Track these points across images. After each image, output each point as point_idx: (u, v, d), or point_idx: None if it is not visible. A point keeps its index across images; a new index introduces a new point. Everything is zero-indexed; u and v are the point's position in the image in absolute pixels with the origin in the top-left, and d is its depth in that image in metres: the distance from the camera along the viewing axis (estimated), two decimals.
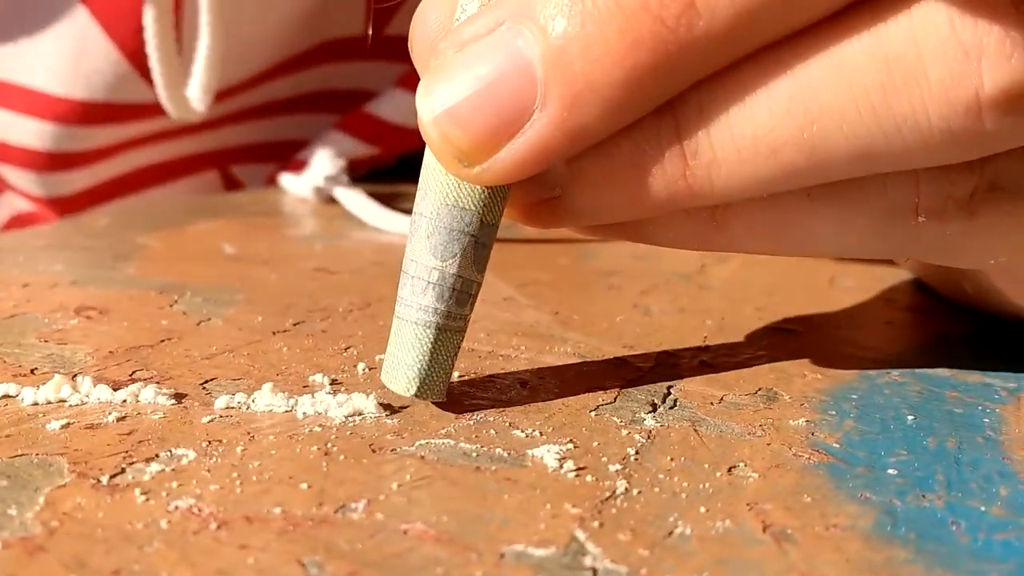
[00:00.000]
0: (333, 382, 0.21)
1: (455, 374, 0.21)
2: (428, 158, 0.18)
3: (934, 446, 0.18)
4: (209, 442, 0.17)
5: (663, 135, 0.17)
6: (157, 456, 0.17)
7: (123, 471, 0.16)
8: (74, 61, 0.41)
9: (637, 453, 0.17)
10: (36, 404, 0.19)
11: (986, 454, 0.18)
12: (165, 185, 0.49)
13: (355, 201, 0.39)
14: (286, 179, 0.44)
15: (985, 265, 0.20)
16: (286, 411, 0.19)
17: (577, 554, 0.14)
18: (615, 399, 0.20)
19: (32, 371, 0.21)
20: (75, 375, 0.20)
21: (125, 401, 0.19)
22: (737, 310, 0.27)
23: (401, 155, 0.50)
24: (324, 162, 0.44)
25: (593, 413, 0.19)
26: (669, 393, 0.20)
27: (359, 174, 0.47)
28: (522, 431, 0.18)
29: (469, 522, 0.15)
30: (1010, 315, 0.24)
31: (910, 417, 0.19)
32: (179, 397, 0.19)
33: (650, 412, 0.19)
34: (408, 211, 0.38)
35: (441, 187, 0.18)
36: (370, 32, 0.48)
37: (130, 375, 0.21)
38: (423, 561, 0.14)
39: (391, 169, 0.50)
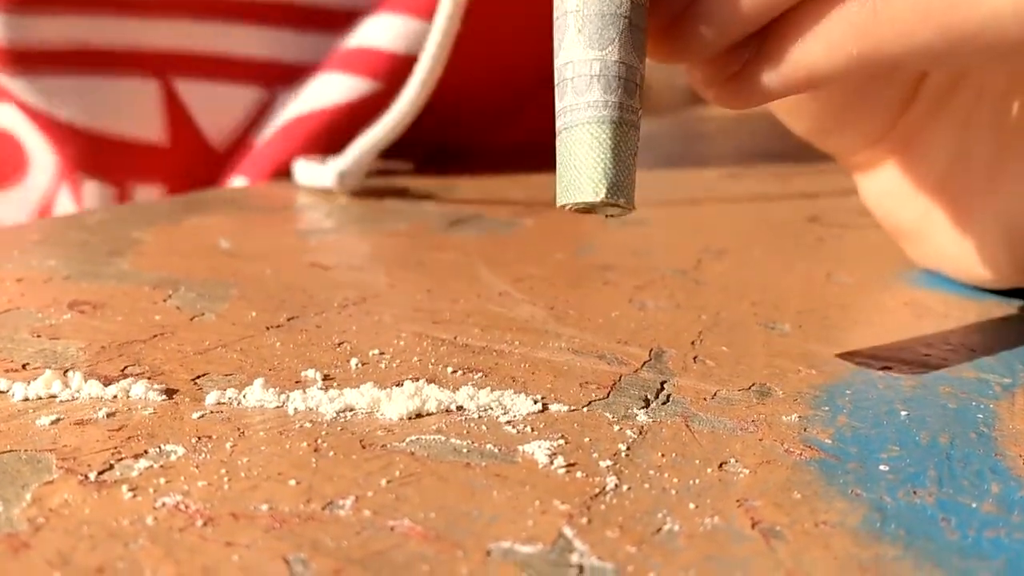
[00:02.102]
0: (325, 377, 0.21)
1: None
2: None
3: (927, 442, 0.18)
4: (199, 438, 0.17)
5: None
6: (146, 452, 0.17)
7: (111, 467, 0.16)
8: None
9: (628, 449, 0.17)
10: (27, 400, 0.19)
11: (978, 450, 0.18)
12: (104, 75, 0.47)
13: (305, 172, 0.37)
14: (301, 167, 0.43)
15: None
16: (277, 407, 0.19)
17: (564, 551, 0.14)
18: (608, 394, 0.20)
19: (24, 366, 0.21)
20: (67, 370, 0.20)
21: (116, 397, 0.19)
22: (732, 305, 0.27)
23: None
24: (356, 149, 0.42)
25: (586, 409, 0.19)
26: (662, 388, 0.20)
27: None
28: (514, 427, 0.18)
29: (456, 519, 0.15)
30: None
31: (903, 412, 0.19)
32: (170, 393, 0.19)
33: (643, 408, 0.19)
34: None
35: None
36: None
37: (122, 370, 0.21)
38: (408, 558, 0.14)
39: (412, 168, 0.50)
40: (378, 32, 0.45)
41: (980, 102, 0.25)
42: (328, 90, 0.46)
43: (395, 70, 0.44)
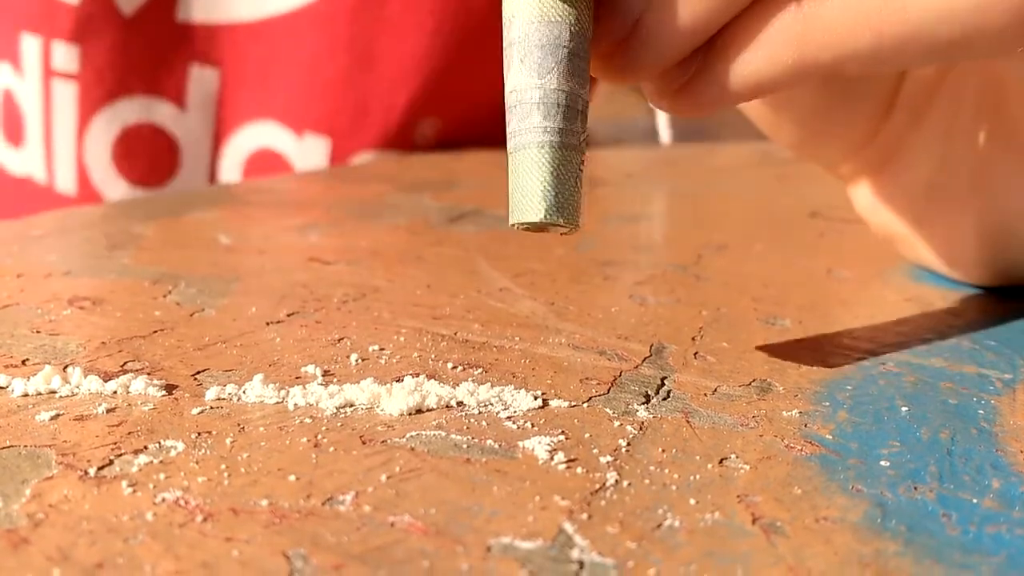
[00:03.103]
0: (325, 373, 0.21)
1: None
2: None
3: (927, 437, 0.18)
4: (199, 434, 0.17)
5: None
6: (146, 448, 0.17)
7: (111, 463, 0.16)
8: None
9: (629, 445, 0.17)
10: (26, 395, 0.19)
11: (979, 446, 0.18)
12: None
13: None
14: None
15: None
16: (277, 402, 0.19)
17: (564, 547, 0.14)
18: (608, 390, 0.20)
19: (23, 362, 0.21)
20: (66, 366, 0.20)
21: (115, 392, 0.19)
22: (733, 301, 0.27)
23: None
24: None
25: (586, 404, 0.19)
26: (663, 384, 0.20)
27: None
28: (514, 423, 0.18)
29: (457, 514, 0.15)
30: None
31: (904, 408, 0.19)
32: (170, 388, 0.19)
33: (643, 403, 0.19)
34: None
35: (526, 6, 0.18)
36: None
37: (121, 366, 0.21)
38: (408, 554, 0.14)
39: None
40: None
41: (959, 111, 0.25)
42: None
43: None
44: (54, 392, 0.19)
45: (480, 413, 0.19)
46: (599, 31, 0.18)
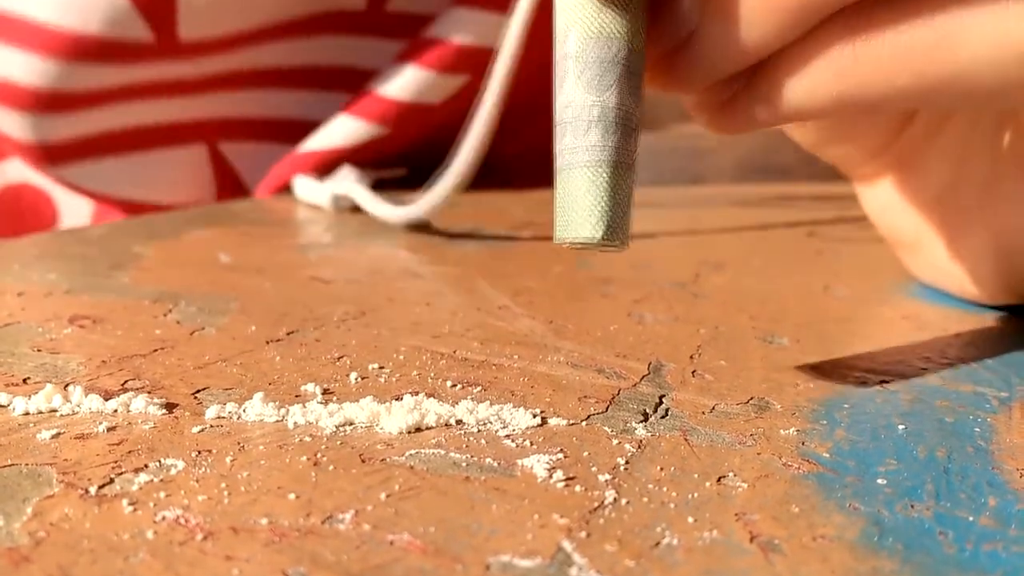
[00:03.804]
0: (325, 391, 0.21)
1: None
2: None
3: (924, 455, 0.18)
4: (199, 452, 0.17)
5: None
6: (146, 466, 0.17)
7: (112, 481, 0.16)
8: None
9: (627, 463, 0.17)
10: (27, 414, 0.19)
11: (976, 464, 0.18)
12: (152, 151, 0.48)
13: (375, 206, 0.39)
14: (301, 183, 0.45)
15: None
16: (277, 421, 0.19)
17: (563, 565, 0.14)
18: (607, 408, 0.20)
19: (24, 380, 0.21)
20: (67, 384, 0.20)
21: (116, 411, 0.19)
22: (731, 319, 0.27)
23: (409, 146, 0.50)
24: (348, 172, 0.44)
25: (584, 423, 0.19)
26: (661, 402, 0.20)
27: (365, 167, 0.47)
28: (513, 441, 0.18)
29: (456, 532, 0.15)
30: None
31: (901, 426, 0.19)
32: (170, 407, 0.19)
33: (641, 421, 0.19)
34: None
35: (583, 20, 0.17)
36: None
37: (122, 384, 0.21)
38: (408, 572, 0.14)
39: (403, 179, 0.50)
40: (391, 81, 0.48)
41: (976, 126, 0.26)
42: (341, 132, 0.48)
43: (402, 117, 0.47)
44: (55, 411, 0.19)
45: (479, 431, 0.19)
46: (650, 37, 0.18)
